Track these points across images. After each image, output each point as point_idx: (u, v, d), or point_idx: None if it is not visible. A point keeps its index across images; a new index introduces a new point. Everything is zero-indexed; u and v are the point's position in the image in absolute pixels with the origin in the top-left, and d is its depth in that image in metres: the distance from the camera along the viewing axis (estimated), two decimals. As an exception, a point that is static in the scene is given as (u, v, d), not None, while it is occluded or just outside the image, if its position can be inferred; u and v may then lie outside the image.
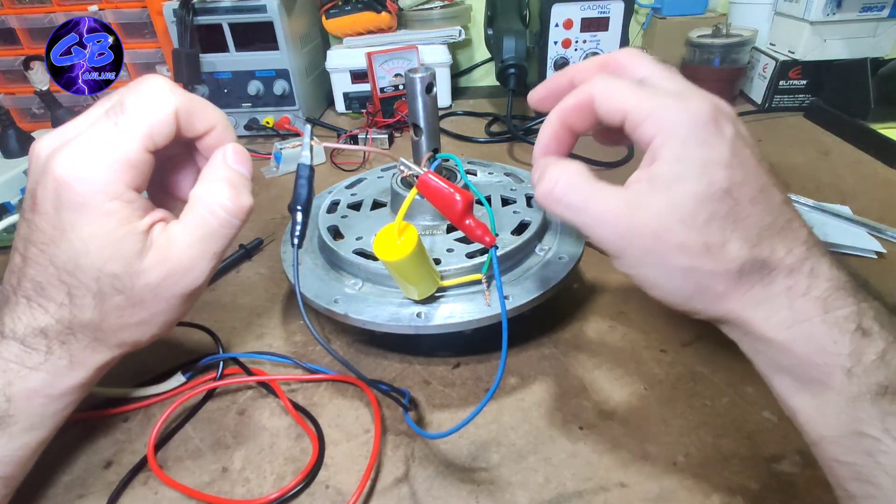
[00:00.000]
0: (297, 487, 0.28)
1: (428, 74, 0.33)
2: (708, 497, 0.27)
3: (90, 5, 0.73)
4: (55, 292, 0.24)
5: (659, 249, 0.20)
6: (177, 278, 0.25)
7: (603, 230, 0.21)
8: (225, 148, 0.26)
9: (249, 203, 0.26)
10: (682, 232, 0.20)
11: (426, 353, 0.36)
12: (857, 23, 0.68)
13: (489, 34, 0.79)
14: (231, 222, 0.25)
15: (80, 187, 0.22)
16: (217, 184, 0.25)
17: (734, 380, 0.33)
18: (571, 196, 0.22)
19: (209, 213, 0.25)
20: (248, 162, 0.27)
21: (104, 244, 0.23)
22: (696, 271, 0.20)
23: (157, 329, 0.26)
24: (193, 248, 0.25)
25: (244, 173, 0.26)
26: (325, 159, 0.68)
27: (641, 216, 0.20)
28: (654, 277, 0.21)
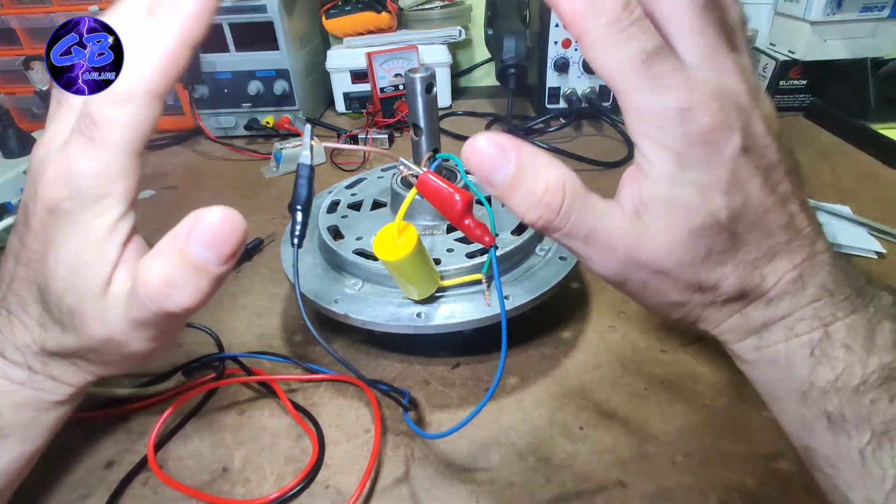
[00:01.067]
0: (297, 487, 0.28)
1: (428, 74, 0.33)
2: (707, 496, 0.27)
3: (90, 5, 0.73)
4: (35, 310, 0.22)
5: (653, 284, 0.20)
6: (115, 345, 0.21)
7: (602, 264, 0.20)
8: (198, 215, 0.18)
9: (191, 300, 0.19)
10: (678, 273, 0.19)
11: (426, 353, 0.36)
12: (857, 23, 0.67)
13: (489, 34, 0.79)
14: (163, 316, 0.19)
15: (66, 203, 0.20)
16: (153, 267, 0.19)
17: (734, 380, 0.33)
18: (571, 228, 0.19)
19: (138, 298, 0.19)
20: (220, 241, 0.18)
21: (70, 269, 0.20)
22: (685, 304, 0.21)
23: (128, 366, 0.24)
24: (125, 324, 0.20)
25: (205, 260, 0.18)
26: (325, 159, 0.68)
27: (639, 254, 0.19)
28: (646, 301, 0.22)
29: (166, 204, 0.60)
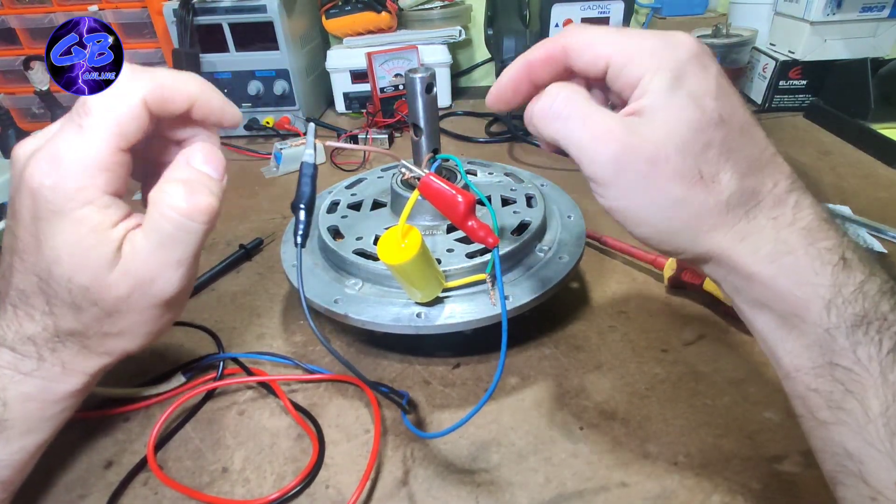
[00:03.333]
0: (297, 487, 0.28)
1: (428, 74, 0.33)
2: (709, 497, 0.27)
3: (90, 5, 0.73)
4: (38, 301, 0.23)
5: (653, 176, 0.20)
6: (144, 290, 0.23)
7: (599, 150, 0.20)
8: (192, 148, 0.24)
9: (208, 203, 0.23)
10: (678, 159, 0.20)
11: (426, 353, 0.36)
12: (857, 23, 0.67)
13: (489, 34, 0.80)
14: (187, 225, 0.23)
15: (50, 195, 0.21)
16: (170, 185, 0.23)
17: (736, 379, 0.33)
18: (571, 109, 0.21)
19: (161, 216, 0.23)
20: (215, 161, 0.24)
21: (73, 253, 0.22)
22: (687, 203, 0.20)
23: (142, 339, 0.25)
24: (153, 257, 0.23)
25: (209, 173, 0.24)
26: (325, 159, 0.68)
27: (639, 140, 0.20)
28: (643, 210, 0.21)
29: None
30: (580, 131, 0.21)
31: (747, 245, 0.20)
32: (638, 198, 0.21)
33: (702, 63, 0.20)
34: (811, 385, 0.20)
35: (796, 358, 0.20)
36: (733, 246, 0.20)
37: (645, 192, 0.20)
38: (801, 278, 0.20)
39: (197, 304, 0.43)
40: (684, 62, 0.20)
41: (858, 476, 0.18)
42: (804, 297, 0.19)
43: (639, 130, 0.20)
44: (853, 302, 0.19)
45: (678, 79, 0.20)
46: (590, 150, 0.21)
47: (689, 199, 0.20)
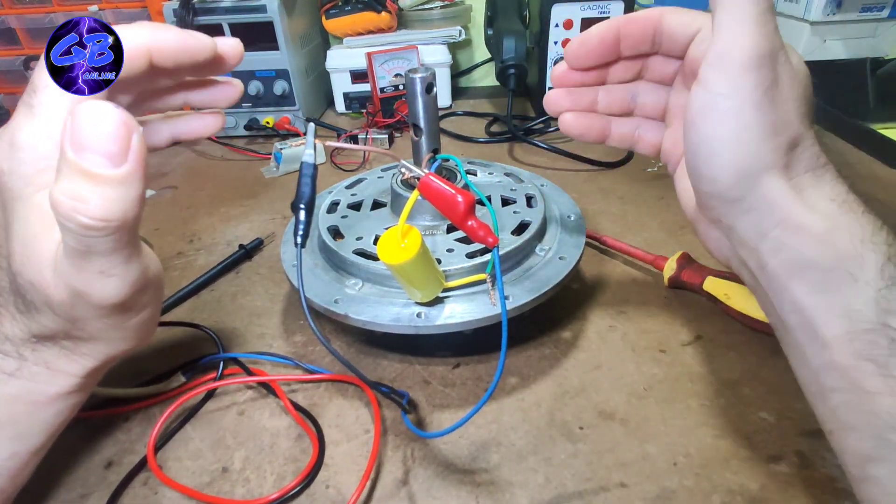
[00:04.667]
0: (297, 487, 0.28)
1: (428, 74, 0.33)
2: (708, 497, 0.27)
3: (90, 5, 0.73)
4: (12, 298, 0.22)
5: (776, 90, 0.20)
6: (82, 299, 0.20)
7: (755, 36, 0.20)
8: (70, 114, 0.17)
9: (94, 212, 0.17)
10: (799, 91, 0.21)
11: (426, 353, 0.37)
12: (857, 23, 0.67)
13: (489, 34, 0.79)
14: (83, 236, 0.18)
15: (9, 181, 0.20)
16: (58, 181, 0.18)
17: (733, 380, 0.33)
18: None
19: (60, 225, 0.18)
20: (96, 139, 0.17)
21: (24, 244, 0.20)
22: (783, 129, 0.20)
23: (121, 343, 0.24)
24: (72, 268, 0.19)
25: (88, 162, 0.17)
26: (325, 159, 0.68)
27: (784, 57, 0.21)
28: (744, 114, 0.20)
29: (166, 204, 0.60)
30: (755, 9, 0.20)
31: (807, 197, 0.21)
32: (749, 104, 0.20)
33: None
34: (863, 351, 0.19)
35: (844, 322, 0.19)
36: (793, 195, 0.21)
37: (759, 104, 0.20)
38: (860, 236, 0.20)
39: (197, 304, 0.43)
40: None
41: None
42: (861, 254, 0.19)
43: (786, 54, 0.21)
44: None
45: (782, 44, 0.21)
46: (749, 29, 0.20)
47: (784, 133, 0.21)
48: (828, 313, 0.20)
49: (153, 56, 0.23)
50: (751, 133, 0.20)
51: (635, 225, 0.49)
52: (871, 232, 0.20)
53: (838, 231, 0.20)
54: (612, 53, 0.27)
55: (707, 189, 0.22)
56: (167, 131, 0.28)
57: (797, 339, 0.21)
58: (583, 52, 0.27)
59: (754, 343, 0.35)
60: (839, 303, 0.20)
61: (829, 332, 0.20)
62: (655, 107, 0.29)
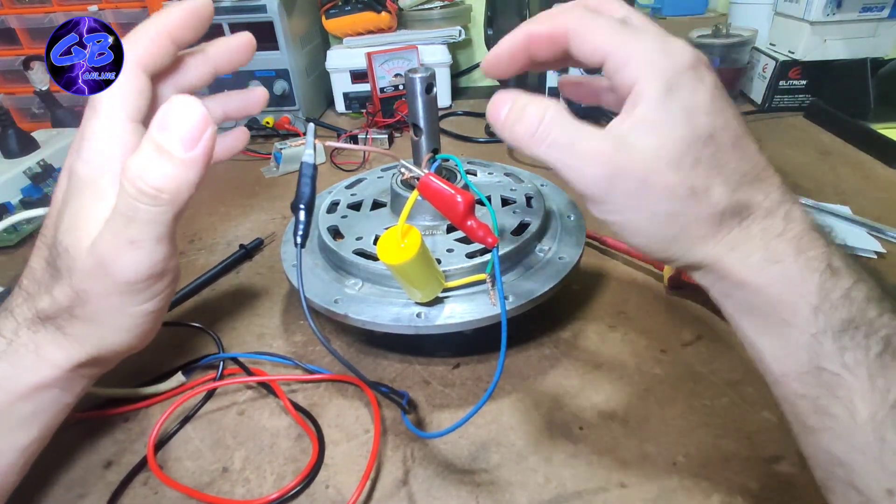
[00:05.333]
0: (297, 487, 0.28)
1: (428, 74, 0.33)
2: (708, 497, 0.27)
3: (90, 5, 0.73)
4: (37, 270, 0.24)
5: (645, 193, 0.20)
6: (103, 268, 0.22)
7: (588, 171, 0.20)
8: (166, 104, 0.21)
9: (154, 182, 0.20)
10: (669, 175, 0.20)
11: (426, 353, 0.36)
12: (857, 23, 0.67)
13: (489, 34, 0.80)
14: (134, 204, 0.21)
15: (78, 166, 0.23)
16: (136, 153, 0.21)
17: (734, 380, 0.33)
18: (557, 134, 0.21)
19: (120, 189, 0.21)
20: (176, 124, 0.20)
21: (74, 215, 0.23)
22: (679, 216, 0.20)
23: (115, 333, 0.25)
24: (109, 233, 0.22)
25: (163, 143, 0.20)
26: (325, 159, 0.68)
27: (629, 158, 0.20)
28: (637, 223, 0.21)
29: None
30: (569, 155, 0.21)
31: (738, 254, 0.21)
32: (631, 212, 0.21)
33: (697, 75, 0.20)
34: (798, 390, 0.20)
35: (783, 363, 0.20)
36: (724, 255, 0.21)
37: (637, 207, 0.21)
38: (790, 285, 0.20)
39: (197, 304, 0.43)
40: (679, 73, 0.20)
41: (849, 483, 0.18)
42: (792, 302, 0.20)
43: (629, 147, 0.20)
44: (840, 307, 0.19)
45: (672, 91, 0.20)
46: (580, 173, 0.21)
47: (682, 212, 0.20)
48: (771, 354, 0.21)
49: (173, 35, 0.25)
50: (651, 228, 0.21)
51: (635, 225, 0.49)
52: (801, 279, 0.20)
53: (770, 282, 0.20)
54: (526, 64, 0.25)
55: (643, 251, 0.23)
56: None
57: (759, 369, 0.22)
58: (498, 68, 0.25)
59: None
60: (779, 346, 0.20)
61: (775, 371, 0.21)
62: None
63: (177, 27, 0.25)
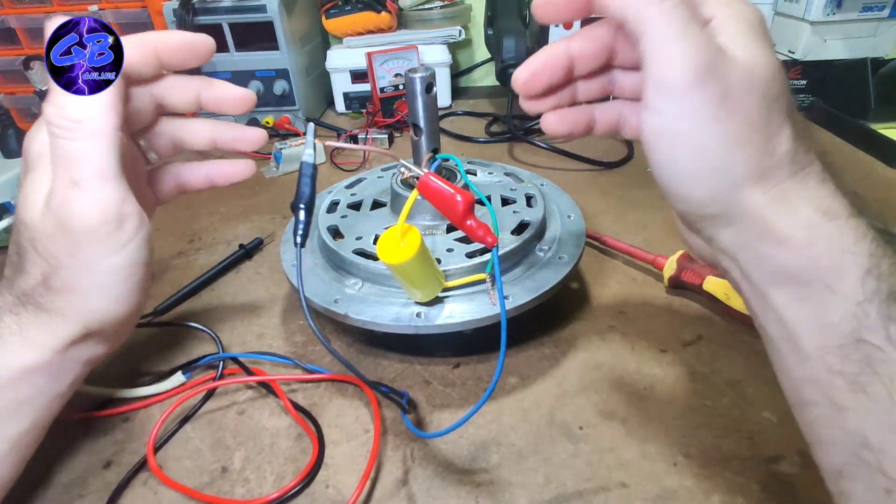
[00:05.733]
0: (297, 487, 0.28)
1: (428, 74, 0.33)
2: (708, 497, 0.27)
3: (90, 5, 0.73)
4: (10, 260, 0.25)
5: (725, 105, 0.19)
6: (62, 225, 0.23)
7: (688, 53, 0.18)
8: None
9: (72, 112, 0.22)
10: (754, 97, 0.19)
11: (426, 353, 0.36)
12: (857, 23, 0.67)
13: (489, 34, 0.79)
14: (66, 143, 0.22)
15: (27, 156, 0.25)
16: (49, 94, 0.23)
17: (734, 380, 0.33)
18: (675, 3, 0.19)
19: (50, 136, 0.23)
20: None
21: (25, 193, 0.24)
22: (749, 143, 0.19)
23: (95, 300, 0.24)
24: (55, 185, 0.23)
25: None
26: (325, 159, 0.68)
27: (725, 65, 0.19)
28: (701, 138, 0.19)
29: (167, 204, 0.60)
30: (675, 22, 0.19)
31: (787, 207, 0.20)
32: (703, 121, 0.19)
33: (763, 22, 0.20)
34: (834, 366, 0.19)
35: (820, 335, 0.19)
36: (771, 205, 0.20)
37: (714, 118, 0.19)
38: (841, 246, 0.19)
39: (197, 304, 0.43)
40: (755, 13, 0.20)
41: (875, 467, 0.18)
42: (841, 266, 0.19)
43: (727, 57, 0.19)
44: (890, 276, 0.18)
45: (752, 26, 0.19)
46: (675, 48, 0.19)
47: (752, 141, 0.19)
48: (807, 326, 0.20)
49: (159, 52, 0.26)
50: (715, 149, 0.19)
51: (635, 225, 0.49)
52: (853, 241, 0.19)
53: (819, 242, 0.19)
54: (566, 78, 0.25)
55: (681, 208, 0.22)
56: (203, 172, 0.32)
57: (780, 350, 0.21)
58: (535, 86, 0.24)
59: (757, 343, 0.35)
60: (817, 316, 0.19)
61: (809, 345, 0.19)
62: (634, 88, 0.26)
63: (167, 46, 0.26)
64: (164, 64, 0.27)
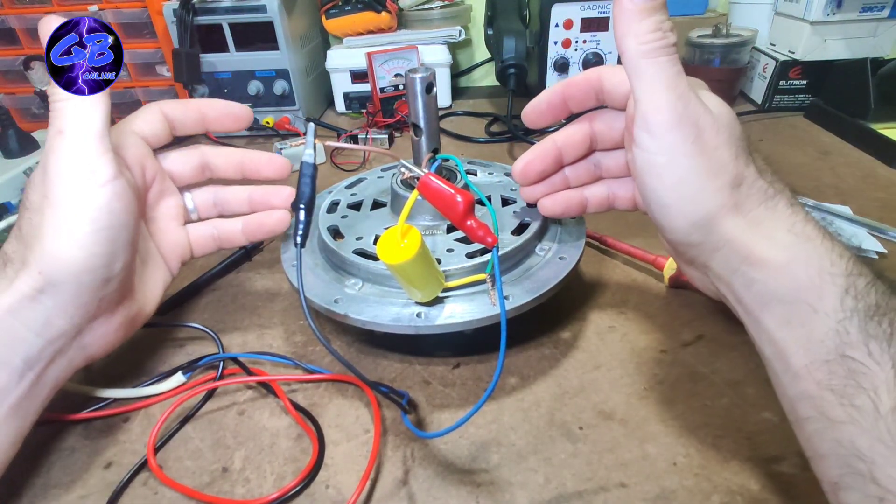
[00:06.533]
0: (297, 487, 0.28)
1: (428, 74, 0.33)
2: (708, 497, 0.27)
3: (90, 5, 0.73)
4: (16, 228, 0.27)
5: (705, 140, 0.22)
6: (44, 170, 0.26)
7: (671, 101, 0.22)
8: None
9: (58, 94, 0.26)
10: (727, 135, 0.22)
11: (426, 353, 0.36)
12: (858, 23, 0.67)
13: (489, 34, 0.80)
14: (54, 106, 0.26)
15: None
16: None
17: (734, 380, 0.33)
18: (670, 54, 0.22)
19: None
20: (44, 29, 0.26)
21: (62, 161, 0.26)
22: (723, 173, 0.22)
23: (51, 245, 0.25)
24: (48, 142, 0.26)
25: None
26: (325, 159, 0.68)
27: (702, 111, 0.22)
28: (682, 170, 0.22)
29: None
30: (664, 75, 0.22)
31: (764, 230, 0.21)
32: (680, 156, 0.22)
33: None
34: (823, 381, 0.20)
35: (808, 353, 0.20)
36: (750, 230, 0.22)
37: (689, 153, 0.22)
38: (818, 266, 0.20)
39: (197, 304, 0.43)
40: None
41: (867, 476, 0.18)
42: (820, 285, 0.20)
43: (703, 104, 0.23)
44: (866, 295, 0.19)
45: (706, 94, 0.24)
46: (661, 97, 0.22)
47: (722, 173, 0.22)
48: (795, 345, 0.21)
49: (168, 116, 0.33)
50: (691, 182, 0.22)
51: (635, 225, 0.49)
52: (830, 262, 0.20)
53: (797, 262, 0.21)
54: (562, 112, 0.30)
55: (670, 238, 0.25)
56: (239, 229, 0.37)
57: (774, 370, 0.22)
58: (535, 115, 0.31)
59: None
60: (803, 334, 0.20)
61: (798, 363, 0.21)
62: (618, 166, 0.31)
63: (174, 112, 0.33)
64: (172, 123, 0.33)
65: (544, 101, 0.30)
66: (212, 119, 0.35)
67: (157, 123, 0.33)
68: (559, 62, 0.71)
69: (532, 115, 0.31)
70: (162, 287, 0.34)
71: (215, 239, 0.36)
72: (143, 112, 0.32)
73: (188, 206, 0.36)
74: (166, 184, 0.34)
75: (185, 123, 0.34)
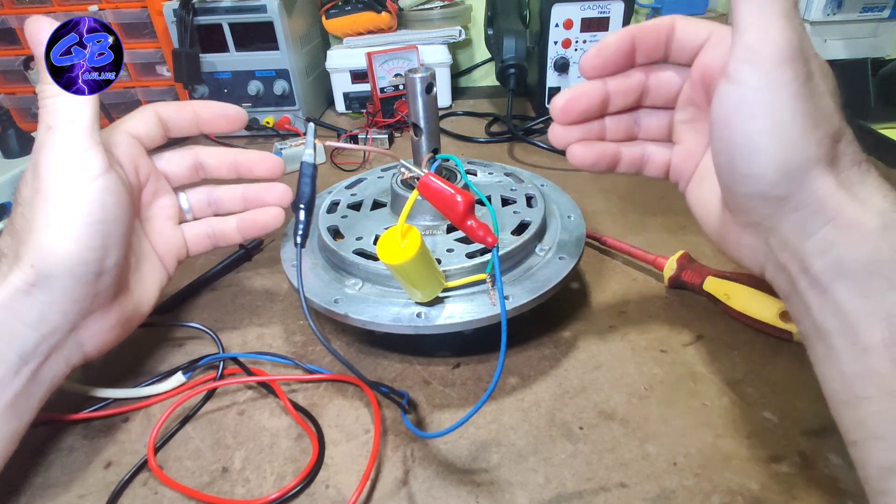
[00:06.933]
0: (297, 487, 0.28)
1: (428, 74, 0.33)
2: (708, 497, 0.27)
3: (90, 5, 0.73)
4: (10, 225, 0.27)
5: (813, 83, 0.20)
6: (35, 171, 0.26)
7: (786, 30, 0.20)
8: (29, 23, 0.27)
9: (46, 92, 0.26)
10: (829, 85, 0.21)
11: (426, 353, 0.36)
12: (858, 23, 0.67)
13: (489, 34, 0.79)
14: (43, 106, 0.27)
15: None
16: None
17: (734, 380, 0.33)
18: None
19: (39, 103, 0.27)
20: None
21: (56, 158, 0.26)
22: (827, 122, 0.20)
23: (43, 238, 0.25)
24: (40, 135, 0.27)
25: None
26: (325, 159, 0.68)
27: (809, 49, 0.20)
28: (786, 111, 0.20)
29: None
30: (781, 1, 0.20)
31: (857, 192, 0.20)
32: (785, 97, 0.20)
33: None
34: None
35: (884, 327, 0.19)
36: (841, 190, 0.20)
37: (796, 95, 0.20)
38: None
39: (197, 304, 0.43)
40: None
41: None
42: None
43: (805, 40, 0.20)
44: None
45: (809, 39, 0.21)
46: (776, 25, 0.19)
47: (825, 125, 0.20)
48: (870, 318, 0.19)
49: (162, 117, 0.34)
50: (793, 126, 0.20)
51: (635, 225, 0.49)
52: None
53: (891, 229, 0.19)
54: (627, 61, 0.27)
55: (748, 190, 0.22)
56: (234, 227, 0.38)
57: (835, 346, 0.21)
58: (600, 62, 0.27)
59: (758, 343, 0.35)
60: (881, 307, 0.19)
61: (872, 338, 0.19)
62: (659, 127, 0.29)
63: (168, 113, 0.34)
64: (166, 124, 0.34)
65: (613, 45, 0.26)
66: (206, 120, 0.35)
67: (151, 124, 0.33)
68: (559, 62, 0.71)
69: (595, 62, 0.27)
70: (158, 286, 0.34)
71: (210, 237, 0.37)
72: (137, 113, 0.33)
73: (183, 205, 0.36)
74: (160, 184, 0.34)
75: (179, 125, 0.34)
